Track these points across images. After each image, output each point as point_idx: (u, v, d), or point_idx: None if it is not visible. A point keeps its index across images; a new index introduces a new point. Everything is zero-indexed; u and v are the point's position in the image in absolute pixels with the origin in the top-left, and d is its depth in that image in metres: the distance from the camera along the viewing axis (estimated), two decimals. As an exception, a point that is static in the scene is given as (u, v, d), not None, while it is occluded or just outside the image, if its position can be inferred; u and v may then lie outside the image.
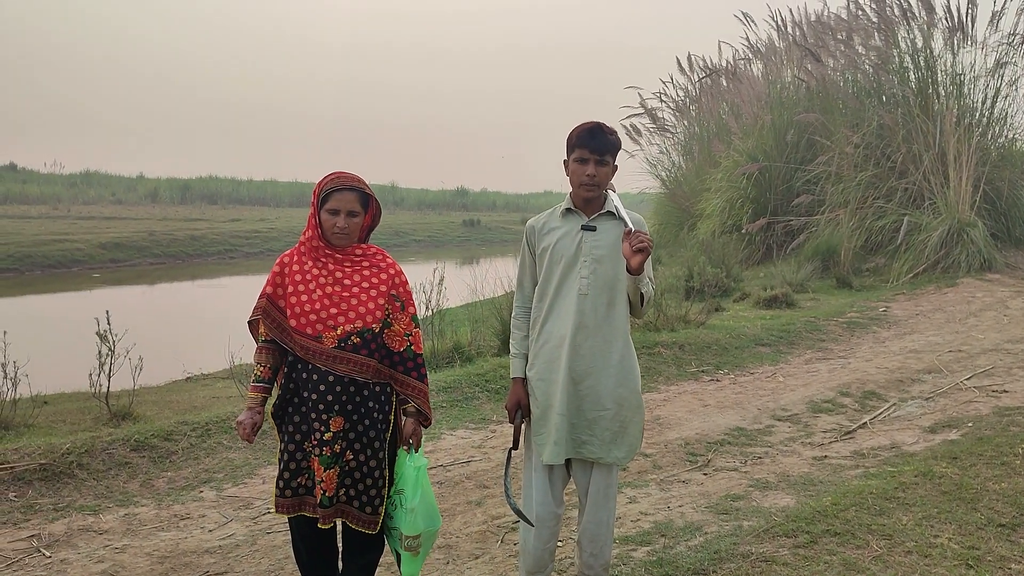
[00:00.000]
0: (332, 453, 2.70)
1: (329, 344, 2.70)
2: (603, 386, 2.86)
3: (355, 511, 2.79)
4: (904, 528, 3.76)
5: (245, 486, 4.65)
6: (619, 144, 2.90)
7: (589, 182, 2.84)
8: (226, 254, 25.68)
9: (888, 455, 5.08)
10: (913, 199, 13.64)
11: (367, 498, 2.79)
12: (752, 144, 15.86)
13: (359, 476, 2.78)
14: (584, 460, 2.93)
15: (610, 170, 2.88)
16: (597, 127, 2.85)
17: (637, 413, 2.93)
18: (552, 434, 2.89)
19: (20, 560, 3.71)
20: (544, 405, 2.93)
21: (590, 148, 2.82)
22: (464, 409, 6.03)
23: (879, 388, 6.77)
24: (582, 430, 2.88)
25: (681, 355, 7.70)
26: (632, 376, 2.91)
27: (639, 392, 2.95)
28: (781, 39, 17.67)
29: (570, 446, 2.89)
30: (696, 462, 5.07)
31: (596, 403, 2.86)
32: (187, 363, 8.54)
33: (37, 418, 5.83)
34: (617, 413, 2.87)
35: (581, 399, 2.87)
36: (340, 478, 2.74)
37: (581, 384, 2.86)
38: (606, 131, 2.85)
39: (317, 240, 2.80)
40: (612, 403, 2.87)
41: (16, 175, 46.80)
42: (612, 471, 2.94)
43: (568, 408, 2.87)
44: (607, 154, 2.84)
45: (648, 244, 2.65)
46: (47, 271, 20.15)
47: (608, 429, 2.87)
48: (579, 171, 2.85)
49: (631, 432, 2.92)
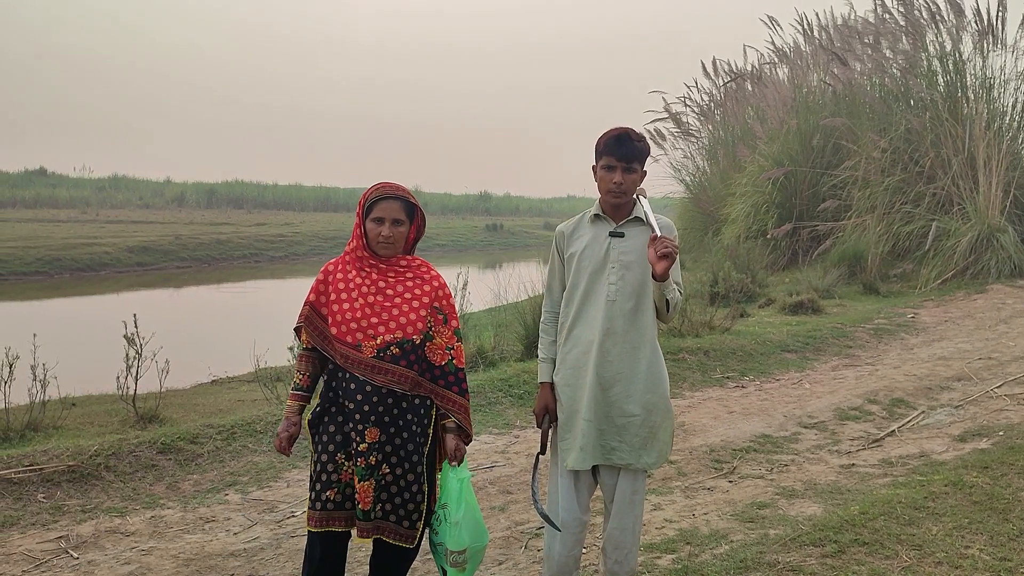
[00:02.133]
0: (367, 465, 2.67)
1: (368, 353, 2.69)
2: (632, 392, 2.85)
3: (392, 525, 2.76)
4: (934, 538, 3.70)
5: (270, 489, 4.67)
6: (647, 150, 2.89)
7: (616, 189, 2.83)
8: (251, 258, 25.89)
9: (917, 464, 5.00)
10: (942, 204, 13.48)
11: (404, 512, 2.76)
12: (777, 149, 15.75)
13: (395, 491, 2.74)
14: (612, 466, 2.91)
15: (638, 176, 2.86)
16: (624, 134, 2.84)
17: (667, 418, 2.91)
18: (578, 440, 2.88)
19: (48, 561, 3.75)
20: (570, 411, 2.91)
21: (617, 155, 2.82)
22: (487, 414, 6.02)
23: (907, 396, 6.69)
24: (611, 436, 2.86)
25: (706, 361, 7.65)
26: (661, 381, 2.89)
27: (668, 397, 2.93)
28: (807, 43, 17.54)
29: (598, 452, 2.88)
30: (721, 469, 5.03)
31: (625, 409, 2.85)
32: (212, 366, 8.60)
33: (65, 420, 5.90)
34: (646, 419, 2.86)
35: (610, 405, 2.85)
36: (376, 492, 2.70)
37: (610, 390, 2.85)
38: (633, 138, 2.84)
39: (362, 250, 2.79)
40: (641, 409, 2.85)
41: (46, 179, 47.51)
42: (639, 477, 2.93)
43: (595, 414, 2.85)
44: (634, 161, 2.83)
45: (673, 249, 2.64)
46: (75, 274, 20.41)
47: (637, 435, 2.85)
48: (606, 178, 2.85)
49: (661, 438, 2.90)
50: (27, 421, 5.59)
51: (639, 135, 2.87)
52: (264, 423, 5.44)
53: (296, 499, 4.51)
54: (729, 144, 18.96)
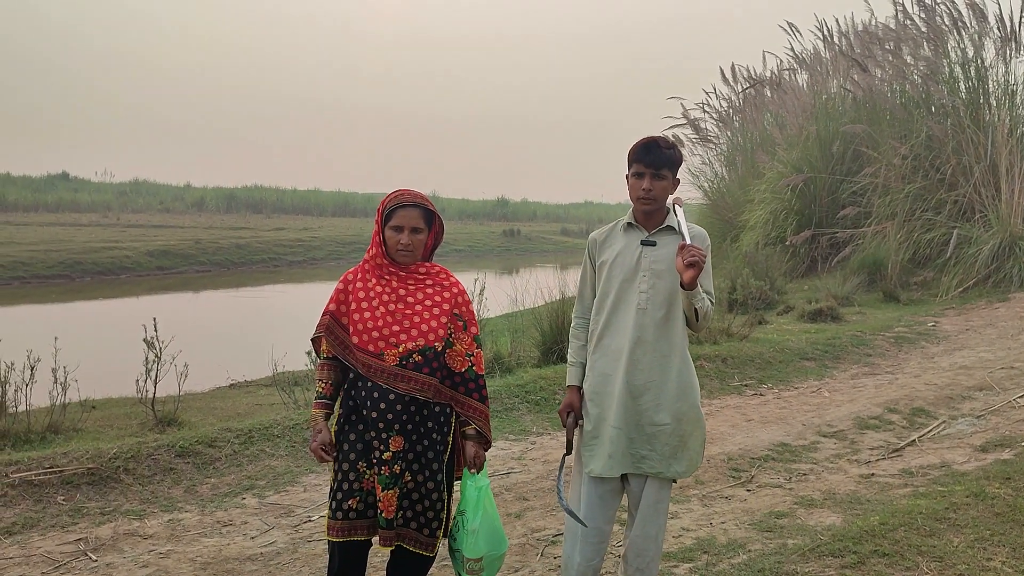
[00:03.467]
0: (391, 473, 2.67)
1: (390, 362, 2.69)
2: (662, 401, 2.83)
3: (413, 533, 2.76)
4: (955, 550, 3.66)
5: (287, 494, 4.68)
6: (677, 158, 2.87)
7: (646, 196, 2.83)
8: (270, 262, 26.05)
9: (938, 474, 4.95)
10: (963, 212, 13.36)
11: (425, 519, 2.76)
12: (797, 155, 15.67)
13: (417, 498, 2.74)
14: (641, 474, 2.89)
15: (668, 184, 2.86)
16: (653, 142, 2.84)
17: (697, 427, 2.89)
18: (606, 447, 2.87)
19: (67, 563, 3.77)
20: (597, 418, 2.91)
21: (645, 162, 2.82)
22: (504, 420, 6.01)
23: (928, 405, 6.62)
24: (641, 445, 2.85)
25: (724, 368, 7.61)
26: (691, 390, 2.87)
27: (699, 406, 2.91)
28: (827, 49, 17.43)
29: (628, 461, 2.86)
30: (739, 478, 4.99)
31: (655, 418, 2.83)
32: (230, 370, 8.65)
33: (85, 423, 5.94)
34: (676, 427, 2.84)
35: (640, 414, 2.84)
36: (399, 500, 2.70)
37: (640, 399, 2.84)
38: (662, 145, 2.83)
39: (381, 258, 2.80)
40: (671, 418, 2.83)
41: (68, 183, 48.08)
42: (665, 486, 2.90)
43: (624, 422, 2.84)
44: (664, 168, 2.82)
45: (700, 258, 2.63)
46: (96, 278, 20.61)
47: (668, 444, 2.84)
48: (636, 186, 2.85)
49: (692, 447, 2.88)
50: (48, 423, 5.63)
51: (669, 143, 2.86)
52: (282, 427, 5.46)
53: (313, 504, 4.52)
54: (748, 150, 18.87)
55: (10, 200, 39.35)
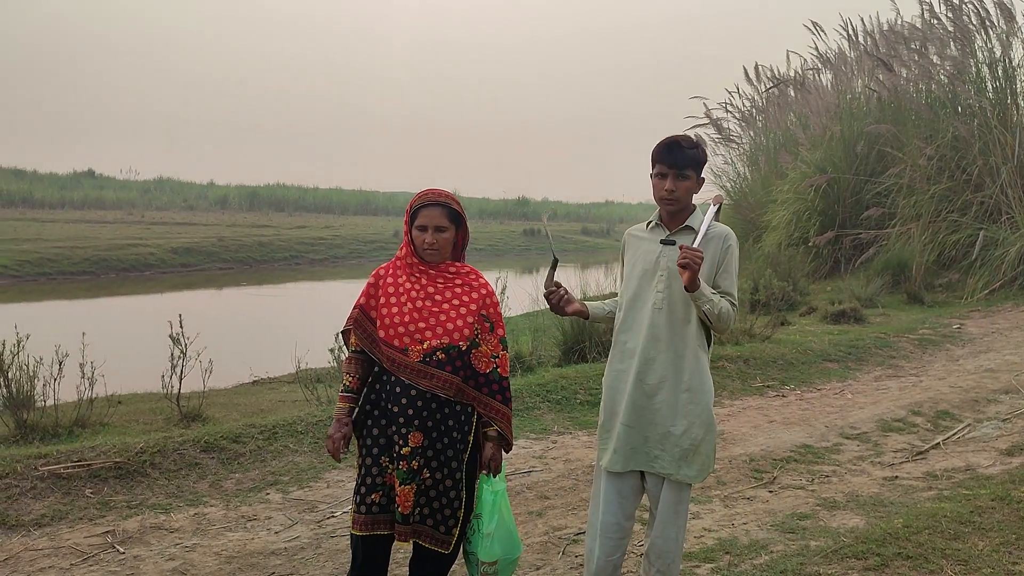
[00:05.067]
0: (409, 469, 2.69)
1: (414, 358, 2.72)
2: (674, 402, 2.83)
3: (429, 530, 2.78)
4: (980, 554, 3.63)
5: (310, 489, 4.72)
6: (701, 158, 2.86)
7: (668, 196, 2.83)
8: (292, 260, 26.21)
9: (963, 478, 4.91)
10: (989, 213, 13.22)
11: (441, 517, 2.78)
12: (820, 155, 15.56)
13: (434, 495, 2.76)
14: (657, 475, 2.90)
15: (692, 184, 2.85)
16: (675, 141, 2.83)
17: (709, 432, 2.86)
18: (613, 442, 2.89)
19: (95, 555, 3.83)
20: (610, 412, 2.93)
21: (668, 162, 2.81)
22: (525, 419, 6.02)
23: (953, 408, 6.57)
24: (654, 445, 2.85)
25: (746, 369, 7.58)
26: (703, 393, 2.85)
27: (711, 410, 2.88)
28: (852, 48, 17.29)
29: (640, 459, 2.87)
30: (761, 479, 4.98)
31: (666, 419, 2.83)
32: (253, 366, 8.71)
33: (112, 417, 6.01)
34: (687, 430, 2.82)
35: (653, 413, 2.84)
36: (416, 496, 2.72)
37: (653, 398, 2.84)
38: (685, 145, 2.82)
39: (411, 257, 2.83)
40: (682, 419, 2.82)
41: (94, 181, 48.63)
42: (684, 488, 2.89)
43: (636, 420, 2.85)
44: (687, 168, 2.81)
45: (691, 260, 2.60)
46: (121, 274, 20.83)
47: (678, 446, 2.83)
48: (659, 186, 2.85)
49: (703, 451, 2.85)
50: (75, 418, 5.72)
51: (692, 142, 2.85)
52: (305, 424, 5.50)
53: (336, 500, 4.56)
54: (771, 150, 18.77)
55: (37, 197, 39.91)
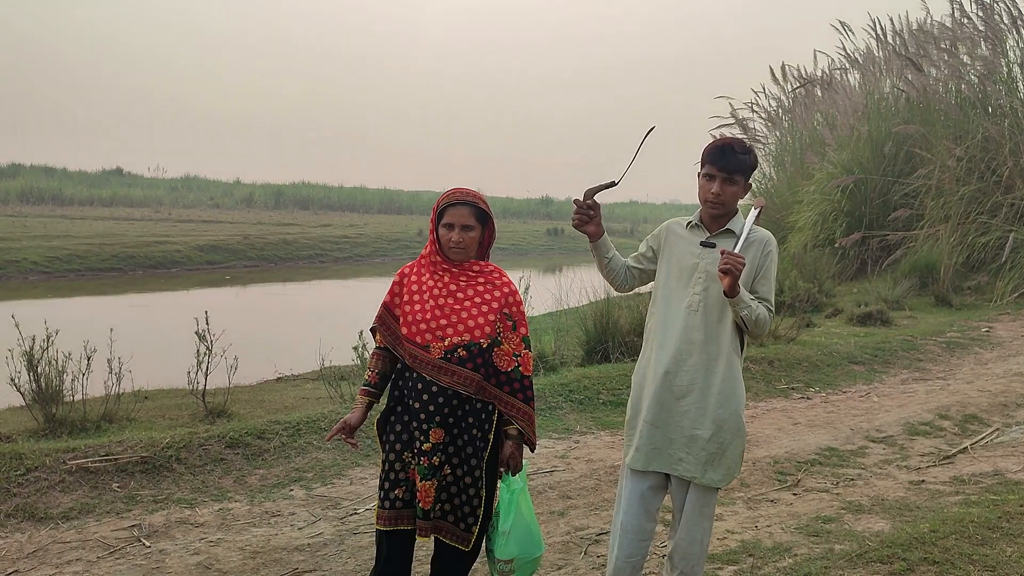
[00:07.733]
0: (430, 465, 2.71)
1: (436, 354, 2.73)
2: (704, 405, 2.80)
3: (450, 526, 2.80)
4: (1008, 560, 3.58)
5: (333, 486, 4.75)
6: (751, 163, 2.82)
7: (714, 200, 2.80)
8: (316, 259, 26.35)
9: (990, 483, 4.85)
10: (1020, 215, 13.03)
11: (461, 514, 2.79)
12: (847, 156, 15.42)
13: (455, 491, 2.78)
14: (681, 478, 2.88)
15: (739, 189, 2.81)
16: (728, 145, 2.79)
17: (737, 436, 2.84)
18: (635, 440, 2.89)
19: (122, 548, 3.88)
20: (635, 409, 2.92)
21: (718, 166, 2.78)
22: (548, 419, 6.02)
23: (981, 412, 6.48)
24: (679, 447, 2.83)
25: (770, 371, 7.53)
26: (734, 398, 2.82)
27: (741, 415, 2.85)
28: (880, 48, 17.12)
29: (663, 460, 2.85)
30: (785, 481, 4.94)
31: (695, 422, 2.80)
32: (278, 363, 8.77)
33: (138, 412, 6.08)
34: (715, 434, 2.80)
35: (681, 415, 2.82)
36: (437, 492, 2.74)
37: (682, 400, 2.81)
38: (737, 150, 2.78)
39: (436, 255, 2.85)
40: (711, 423, 2.79)
41: (122, 179, 49.20)
42: (710, 491, 2.87)
43: (663, 421, 2.83)
44: (736, 173, 2.78)
45: (733, 266, 2.58)
46: (148, 271, 21.04)
47: (705, 450, 2.80)
48: (706, 188, 2.82)
49: (730, 455, 2.83)
50: (103, 412, 5.79)
51: (745, 147, 2.81)
52: (329, 421, 5.53)
53: (359, 496, 4.58)
54: (797, 151, 18.63)
55: (66, 195, 40.45)
